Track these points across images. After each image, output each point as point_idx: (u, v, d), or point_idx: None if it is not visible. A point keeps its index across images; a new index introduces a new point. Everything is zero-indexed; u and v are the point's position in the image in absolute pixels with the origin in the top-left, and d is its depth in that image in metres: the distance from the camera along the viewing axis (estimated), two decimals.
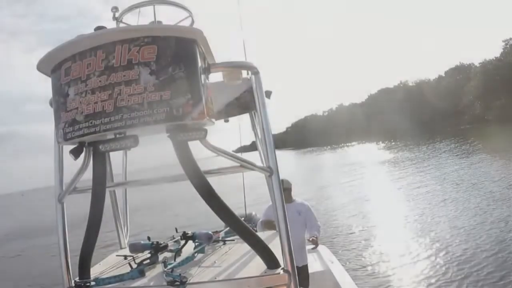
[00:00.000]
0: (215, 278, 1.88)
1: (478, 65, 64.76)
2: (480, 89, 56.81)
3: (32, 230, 23.87)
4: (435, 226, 10.96)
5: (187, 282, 1.80)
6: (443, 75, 77.47)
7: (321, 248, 5.63)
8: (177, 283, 1.78)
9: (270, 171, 1.90)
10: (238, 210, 3.60)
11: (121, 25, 2.46)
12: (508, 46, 56.16)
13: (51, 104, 1.89)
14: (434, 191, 15.96)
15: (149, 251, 2.32)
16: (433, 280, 7.35)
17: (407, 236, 10.54)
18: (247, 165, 1.90)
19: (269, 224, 4.45)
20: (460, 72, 71.31)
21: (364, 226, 12.29)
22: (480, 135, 39.23)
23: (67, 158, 1.90)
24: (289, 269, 1.83)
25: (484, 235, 9.44)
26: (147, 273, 2.09)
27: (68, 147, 1.88)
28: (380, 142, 58.30)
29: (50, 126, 1.95)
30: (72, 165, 1.96)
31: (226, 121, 2.72)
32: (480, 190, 14.39)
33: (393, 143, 51.17)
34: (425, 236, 10.28)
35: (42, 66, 1.83)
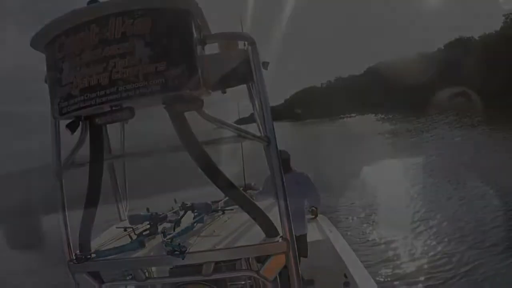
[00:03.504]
0: (214, 247, 1.90)
1: (477, 39, 63.75)
2: (480, 62, 55.97)
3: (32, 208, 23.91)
4: (436, 197, 11.02)
5: (187, 251, 1.81)
6: (442, 48, 76.34)
7: (320, 218, 5.66)
8: (177, 252, 1.79)
9: (268, 140, 1.89)
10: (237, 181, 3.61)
11: None
12: (508, 20, 55.08)
13: (46, 81, 1.88)
14: (435, 162, 15.99)
15: (148, 222, 2.34)
16: (433, 252, 7.41)
17: (408, 207, 10.57)
18: (244, 135, 1.90)
19: None
20: (460, 45, 70.12)
21: (364, 197, 12.33)
22: (479, 108, 38.99)
23: (65, 134, 1.90)
24: (288, 237, 1.85)
25: (487, 206, 9.46)
26: (147, 244, 2.11)
27: (64, 123, 1.88)
28: (379, 114, 58.06)
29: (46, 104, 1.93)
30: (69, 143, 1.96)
31: (224, 92, 2.71)
32: (481, 161, 14.41)
33: (393, 115, 50.89)
34: (426, 206, 10.33)
35: (36, 43, 1.81)
